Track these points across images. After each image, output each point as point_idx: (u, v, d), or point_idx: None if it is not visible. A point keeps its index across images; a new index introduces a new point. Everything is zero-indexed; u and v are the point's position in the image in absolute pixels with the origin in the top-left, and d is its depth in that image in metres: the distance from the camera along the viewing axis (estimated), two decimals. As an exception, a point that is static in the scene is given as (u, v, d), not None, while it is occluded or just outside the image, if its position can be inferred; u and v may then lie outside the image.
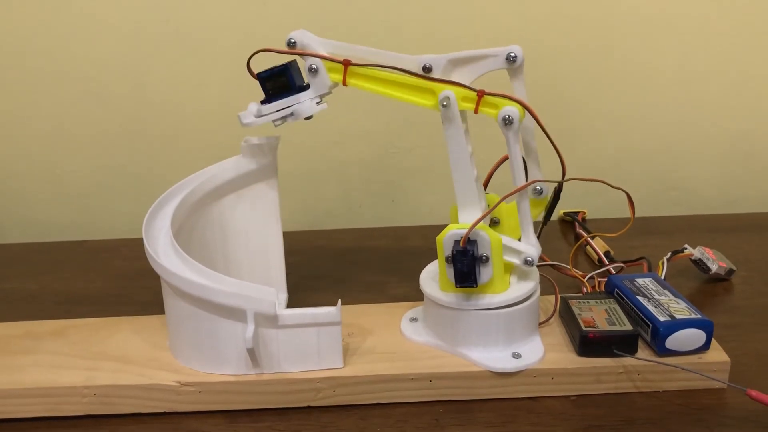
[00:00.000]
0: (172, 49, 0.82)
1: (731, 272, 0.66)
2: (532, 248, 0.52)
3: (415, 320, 0.56)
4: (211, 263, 0.56)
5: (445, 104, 0.50)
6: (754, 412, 0.48)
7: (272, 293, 0.49)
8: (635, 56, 0.83)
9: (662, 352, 0.50)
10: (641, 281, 0.57)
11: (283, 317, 0.49)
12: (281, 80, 0.53)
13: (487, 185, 0.57)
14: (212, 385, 0.50)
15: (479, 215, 0.51)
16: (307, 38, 0.53)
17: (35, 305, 0.67)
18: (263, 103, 0.54)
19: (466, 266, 0.49)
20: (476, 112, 0.50)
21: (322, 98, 0.54)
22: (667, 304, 0.53)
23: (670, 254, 0.65)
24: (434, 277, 0.54)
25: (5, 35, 0.82)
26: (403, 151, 0.87)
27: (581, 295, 0.58)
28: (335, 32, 0.77)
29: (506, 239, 0.52)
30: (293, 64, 0.54)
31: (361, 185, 0.89)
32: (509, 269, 0.54)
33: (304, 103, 0.54)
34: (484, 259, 0.50)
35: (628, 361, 0.50)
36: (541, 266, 0.62)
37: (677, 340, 0.50)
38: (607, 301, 0.55)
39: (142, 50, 0.82)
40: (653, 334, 0.51)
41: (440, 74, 0.51)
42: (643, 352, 0.51)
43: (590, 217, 0.82)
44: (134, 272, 0.72)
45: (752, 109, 0.86)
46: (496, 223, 0.56)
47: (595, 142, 0.87)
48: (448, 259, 0.50)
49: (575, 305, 0.54)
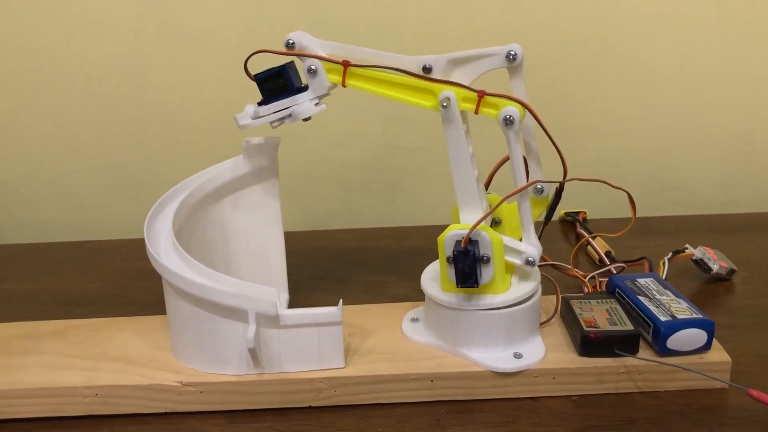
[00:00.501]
0: (172, 49, 0.82)
1: (732, 272, 0.66)
2: (533, 248, 0.52)
3: (416, 320, 0.56)
4: (212, 263, 0.56)
5: (445, 105, 0.50)
6: (755, 412, 0.48)
7: (273, 293, 0.49)
8: (635, 56, 0.83)
9: (663, 352, 0.50)
10: (642, 281, 0.57)
11: (284, 317, 0.49)
12: (279, 81, 0.53)
13: (488, 186, 0.57)
14: (213, 385, 0.50)
15: (480, 215, 0.51)
16: (305, 39, 0.53)
17: (36, 306, 0.67)
18: (260, 104, 0.54)
19: (467, 267, 0.49)
20: (477, 112, 0.50)
21: (320, 99, 0.54)
22: (668, 304, 0.53)
23: (671, 254, 0.65)
24: (435, 277, 0.54)
25: (5, 35, 0.82)
26: (403, 151, 0.87)
27: (582, 295, 0.58)
28: (334, 32, 0.77)
29: (507, 239, 0.52)
30: (291, 65, 0.54)
31: (361, 185, 0.89)
32: (510, 269, 0.54)
33: (302, 104, 0.53)
34: (485, 259, 0.50)
35: (629, 361, 0.50)
36: (542, 266, 0.62)
37: (678, 340, 0.50)
38: (608, 301, 0.55)
39: (142, 50, 0.82)
40: (654, 334, 0.51)
41: (440, 74, 0.51)
42: (644, 352, 0.51)
43: (591, 217, 0.82)
44: (135, 273, 0.72)
45: (752, 109, 0.86)
46: (497, 223, 0.56)
47: (595, 142, 0.87)
48: (449, 259, 0.50)
49: (576, 305, 0.54)
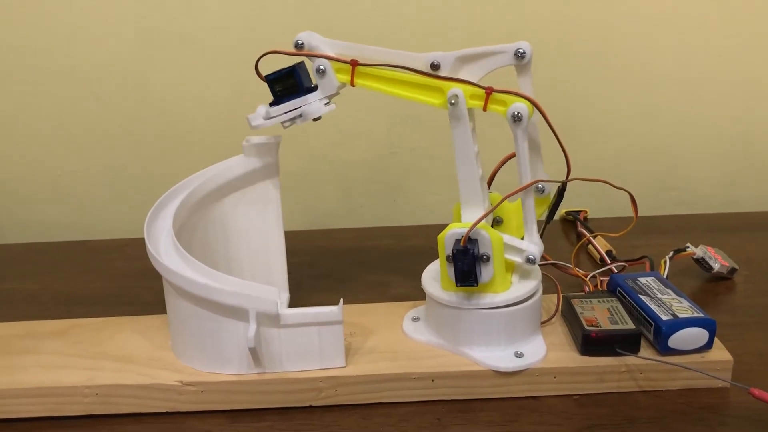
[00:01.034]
0: (172, 49, 0.82)
1: (733, 271, 0.66)
2: (534, 246, 0.52)
3: (417, 319, 0.56)
4: (212, 263, 0.56)
5: (453, 102, 0.50)
6: (756, 411, 0.48)
7: (274, 293, 0.49)
8: (636, 56, 0.83)
9: (665, 351, 0.50)
10: (643, 280, 0.57)
11: (285, 317, 0.49)
12: (289, 82, 0.53)
13: (490, 184, 0.57)
14: (214, 384, 0.50)
15: (482, 214, 0.51)
16: (314, 39, 0.53)
17: (36, 305, 0.67)
18: (272, 105, 0.54)
19: (466, 265, 0.49)
20: (485, 109, 0.50)
21: (330, 99, 0.54)
22: (669, 302, 0.53)
23: (672, 253, 0.65)
24: (436, 276, 0.54)
25: (5, 36, 0.82)
26: (404, 150, 0.87)
27: (583, 294, 0.58)
28: (335, 32, 0.77)
29: (508, 237, 0.52)
30: (301, 65, 0.54)
31: (362, 185, 0.89)
32: (511, 268, 0.54)
33: (312, 104, 0.54)
34: (485, 258, 0.50)
35: (630, 360, 0.50)
36: (543, 265, 0.62)
37: (680, 339, 0.50)
38: (609, 300, 0.55)
39: (142, 51, 0.82)
40: (656, 333, 0.51)
41: (448, 71, 0.51)
42: (645, 351, 0.51)
43: (592, 216, 0.82)
44: (135, 272, 0.72)
45: (752, 109, 0.86)
46: (499, 222, 0.56)
47: (595, 141, 0.87)
48: (448, 258, 0.50)
49: (578, 304, 0.54)
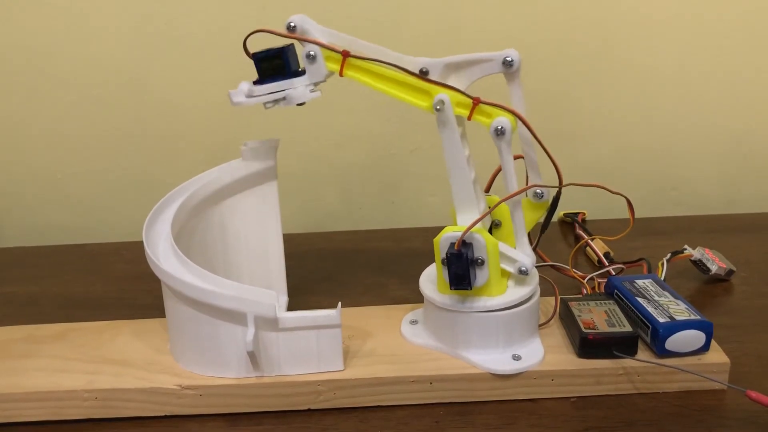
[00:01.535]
0: (172, 51, 0.82)
1: (731, 273, 0.66)
2: (526, 257, 0.52)
3: (415, 322, 0.56)
4: (211, 266, 0.56)
5: (438, 108, 0.50)
6: (753, 413, 0.48)
7: (272, 296, 0.49)
8: (635, 56, 0.83)
9: (662, 353, 0.50)
10: (641, 282, 0.57)
11: (283, 320, 0.50)
12: (276, 62, 0.52)
13: (489, 188, 0.57)
14: (213, 388, 0.50)
15: (476, 218, 0.51)
16: (307, 24, 0.52)
17: (36, 309, 0.67)
18: (256, 83, 0.53)
19: (460, 269, 0.49)
20: (470, 119, 0.50)
21: (316, 86, 0.53)
22: (666, 305, 0.53)
23: (669, 255, 0.65)
24: (434, 279, 0.54)
25: (4, 38, 0.82)
26: (403, 152, 0.87)
27: (581, 296, 0.58)
28: (339, 31, 0.77)
29: (502, 246, 0.52)
30: (291, 47, 0.53)
31: (361, 187, 0.89)
32: (507, 272, 0.54)
33: (297, 88, 0.53)
34: (479, 262, 0.50)
35: (627, 362, 0.50)
36: (540, 267, 0.62)
37: (677, 341, 0.50)
38: (606, 302, 0.55)
39: (142, 53, 0.82)
40: (653, 335, 0.51)
41: (437, 78, 0.51)
42: (642, 353, 0.51)
43: (590, 218, 0.82)
44: (135, 276, 0.72)
45: (752, 109, 0.86)
46: (498, 225, 0.56)
47: (595, 142, 0.87)
48: (443, 261, 0.50)
49: (575, 307, 0.54)
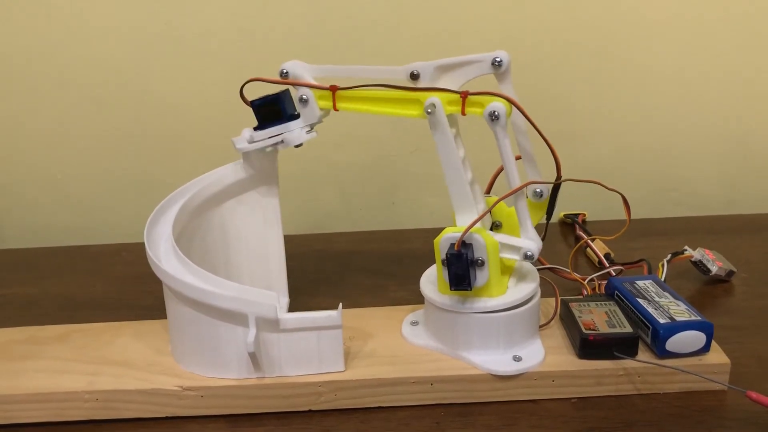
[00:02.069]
0: (173, 53, 0.82)
1: (731, 274, 0.66)
2: (531, 242, 0.52)
3: (415, 323, 0.56)
4: (212, 268, 0.56)
5: (429, 111, 0.50)
6: (754, 413, 0.48)
7: (273, 297, 0.49)
8: (634, 57, 0.83)
9: (662, 354, 0.50)
10: (641, 283, 0.57)
11: (284, 321, 0.50)
12: (274, 108, 0.55)
13: (490, 189, 0.57)
14: (214, 389, 0.50)
15: (475, 218, 0.51)
16: (299, 68, 0.55)
17: (37, 310, 0.67)
18: (256, 129, 0.56)
19: (459, 269, 0.50)
20: (463, 113, 0.50)
21: (312, 127, 0.56)
22: (667, 306, 0.53)
23: (670, 256, 0.65)
24: (434, 280, 0.54)
25: (5, 39, 0.82)
26: (403, 153, 0.87)
27: (581, 297, 0.58)
28: (339, 31, 0.77)
29: (504, 237, 0.52)
30: (286, 93, 0.56)
31: (361, 188, 0.89)
32: (508, 272, 0.54)
33: (294, 131, 0.55)
34: (479, 262, 0.50)
35: (628, 363, 0.50)
36: (541, 269, 0.62)
37: (677, 342, 0.50)
38: (607, 303, 0.55)
39: (143, 54, 0.82)
40: (653, 336, 0.51)
41: (428, 81, 0.51)
42: (643, 354, 0.51)
43: (590, 219, 0.82)
44: (136, 277, 0.72)
45: (752, 109, 0.86)
46: (498, 226, 0.56)
47: (594, 142, 0.87)
48: (443, 262, 0.50)
49: (575, 308, 0.54)
